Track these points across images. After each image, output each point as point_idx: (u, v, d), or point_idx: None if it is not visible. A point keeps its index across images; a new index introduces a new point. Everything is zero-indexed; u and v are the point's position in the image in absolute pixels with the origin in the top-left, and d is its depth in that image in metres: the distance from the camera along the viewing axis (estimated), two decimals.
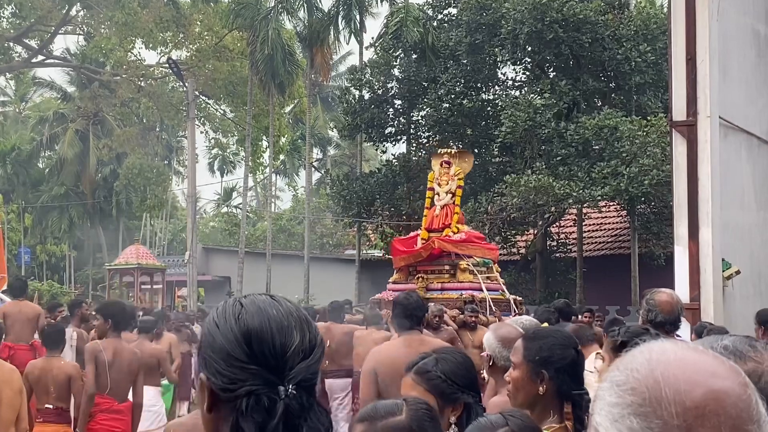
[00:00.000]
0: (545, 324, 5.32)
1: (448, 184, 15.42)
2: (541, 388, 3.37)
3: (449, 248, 14.49)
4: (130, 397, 8.30)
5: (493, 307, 13.70)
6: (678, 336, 5.19)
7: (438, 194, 15.47)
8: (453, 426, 3.09)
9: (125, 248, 24.68)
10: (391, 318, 6.13)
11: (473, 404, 3.18)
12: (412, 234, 16.23)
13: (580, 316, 11.99)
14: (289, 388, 1.61)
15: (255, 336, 1.63)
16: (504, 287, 14.79)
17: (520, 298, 15.21)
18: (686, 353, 1.17)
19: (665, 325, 5.00)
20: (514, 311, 13.70)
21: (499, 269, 15.42)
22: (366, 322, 12.00)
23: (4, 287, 16.27)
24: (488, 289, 13.98)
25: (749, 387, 1.14)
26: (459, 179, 15.55)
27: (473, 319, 12.12)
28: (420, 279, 14.34)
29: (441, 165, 15.69)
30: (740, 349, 1.88)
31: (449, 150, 16.90)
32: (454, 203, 15.33)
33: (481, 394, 3.53)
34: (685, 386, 1.12)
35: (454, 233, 14.85)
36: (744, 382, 1.15)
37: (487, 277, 14.44)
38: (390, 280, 15.37)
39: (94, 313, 10.85)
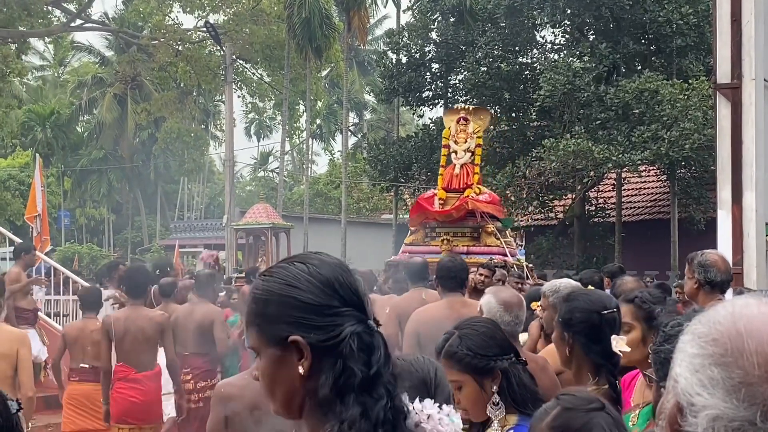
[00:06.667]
0: (590, 286, 5.26)
1: (466, 142, 14.62)
2: (567, 349, 3.56)
3: (482, 208, 13.72)
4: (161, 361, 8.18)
5: (529, 274, 13.00)
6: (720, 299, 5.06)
7: (455, 152, 14.68)
8: (495, 395, 3.10)
9: (252, 206, 23.09)
10: (436, 280, 6.16)
11: (509, 367, 3.14)
12: (429, 193, 15.31)
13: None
14: (373, 322, 1.70)
15: (336, 282, 1.70)
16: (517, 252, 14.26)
17: (531, 265, 14.64)
18: None
19: (724, 284, 4.85)
20: (527, 277, 12.71)
21: (513, 233, 15.10)
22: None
23: (48, 248, 16.53)
24: (510, 254, 13.31)
25: None
26: (478, 137, 14.72)
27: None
28: (444, 241, 13.49)
29: (458, 122, 14.83)
30: None
31: (465, 107, 16.11)
32: (473, 162, 14.56)
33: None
34: None
35: (477, 194, 14.04)
36: None
37: (506, 241, 13.80)
38: (406, 242, 14.50)
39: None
